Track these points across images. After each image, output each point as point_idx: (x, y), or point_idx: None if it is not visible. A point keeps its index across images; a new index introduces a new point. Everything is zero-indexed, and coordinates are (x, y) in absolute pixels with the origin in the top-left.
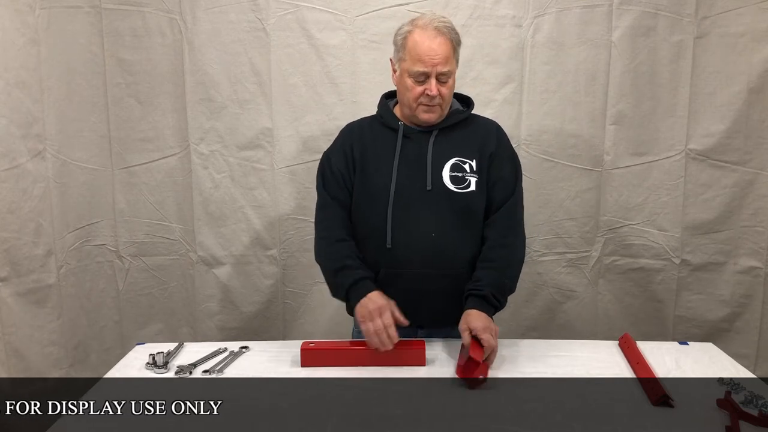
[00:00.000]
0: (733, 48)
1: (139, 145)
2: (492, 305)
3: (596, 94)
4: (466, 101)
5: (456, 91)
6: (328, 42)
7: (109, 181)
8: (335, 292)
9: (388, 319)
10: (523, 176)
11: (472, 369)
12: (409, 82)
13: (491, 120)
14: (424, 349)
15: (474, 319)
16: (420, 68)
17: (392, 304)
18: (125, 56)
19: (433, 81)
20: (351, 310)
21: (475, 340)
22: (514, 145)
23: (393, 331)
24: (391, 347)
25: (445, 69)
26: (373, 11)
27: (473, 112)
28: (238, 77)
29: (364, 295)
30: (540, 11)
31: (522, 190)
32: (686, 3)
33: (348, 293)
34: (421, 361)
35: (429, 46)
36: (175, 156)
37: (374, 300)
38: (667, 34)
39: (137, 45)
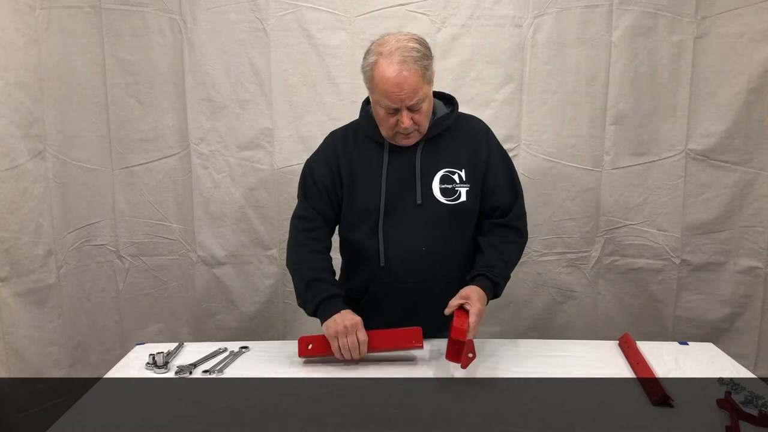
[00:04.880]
0: (733, 48)
1: (139, 145)
2: (495, 295)
3: (596, 94)
4: (450, 100)
5: (455, 91)
6: (328, 42)
7: (109, 181)
8: (303, 303)
9: (363, 336)
10: (524, 176)
11: (460, 350)
12: (382, 113)
13: (477, 120)
14: (420, 330)
15: (474, 292)
16: (388, 103)
17: (361, 321)
18: (125, 56)
19: (404, 113)
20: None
21: (461, 311)
22: (513, 145)
23: (365, 348)
24: (358, 359)
25: (413, 101)
26: (373, 11)
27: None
28: (238, 77)
29: (337, 311)
30: (540, 11)
31: (522, 191)
32: (686, 3)
33: (318, 307)
34: (418, 342)
35: (393, 82)
36: (175, 156)
37: (347, 317)
38: (667, 34)
39: (137, 45)
